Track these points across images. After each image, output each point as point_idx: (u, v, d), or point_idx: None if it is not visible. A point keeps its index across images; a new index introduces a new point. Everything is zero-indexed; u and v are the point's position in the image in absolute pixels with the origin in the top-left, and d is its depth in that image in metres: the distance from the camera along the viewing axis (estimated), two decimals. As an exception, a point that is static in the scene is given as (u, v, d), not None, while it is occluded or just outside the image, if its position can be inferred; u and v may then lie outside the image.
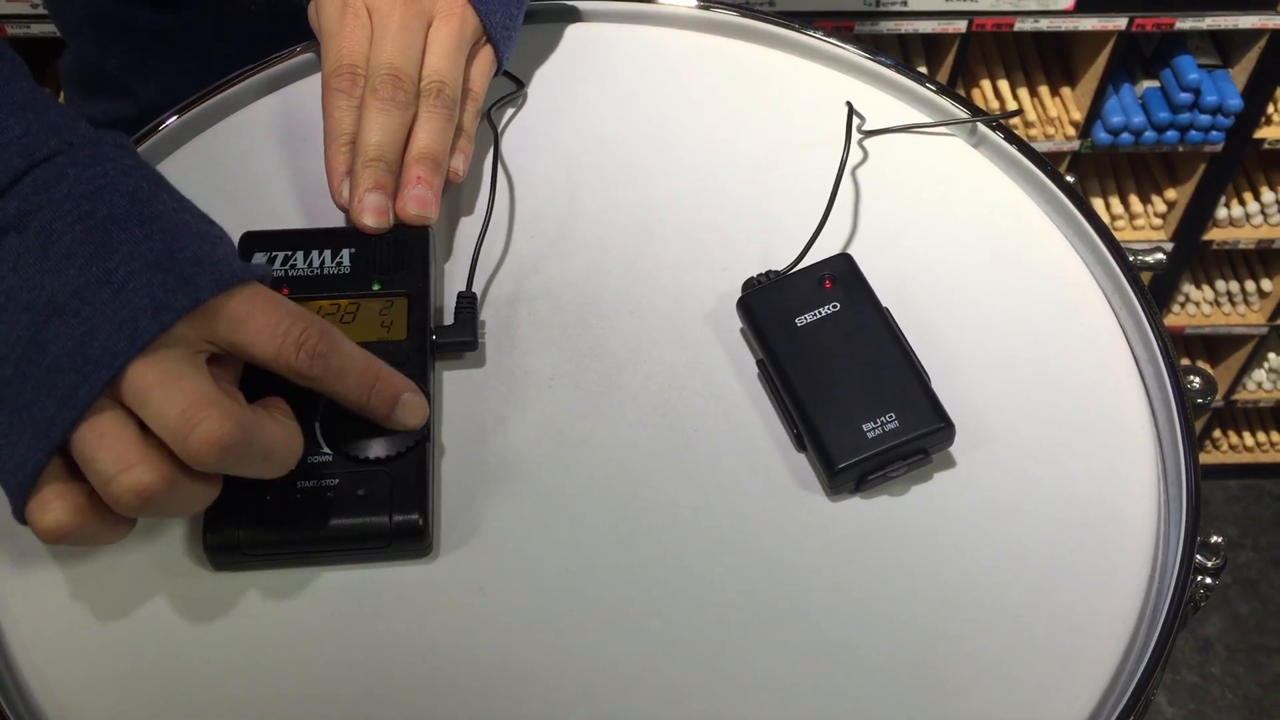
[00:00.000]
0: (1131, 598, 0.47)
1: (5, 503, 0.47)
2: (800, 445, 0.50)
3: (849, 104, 0.60)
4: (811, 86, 0.64)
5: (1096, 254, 0.57)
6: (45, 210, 0.42)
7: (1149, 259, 0.60)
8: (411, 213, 0.54)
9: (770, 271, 0.54)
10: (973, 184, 0.60)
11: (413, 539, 0.47)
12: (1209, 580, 0.49)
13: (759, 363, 0.52)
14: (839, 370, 0.50)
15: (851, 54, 0.64)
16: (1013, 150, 0.60)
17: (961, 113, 0.62)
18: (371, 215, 0.53)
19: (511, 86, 0.63)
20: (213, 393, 0.42)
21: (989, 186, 0.60)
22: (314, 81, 0.63)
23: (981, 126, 0.61)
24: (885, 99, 0.64)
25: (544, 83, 0.64)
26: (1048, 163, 0.60)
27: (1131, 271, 0.56)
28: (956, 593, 0.47)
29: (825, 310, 0.51)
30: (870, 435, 0.48)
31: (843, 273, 0.53)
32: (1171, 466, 0.50)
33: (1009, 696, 0.44)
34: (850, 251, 0.54)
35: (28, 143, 0.43)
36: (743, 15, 0.66)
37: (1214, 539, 0.49)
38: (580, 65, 0.65)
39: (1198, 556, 0.48)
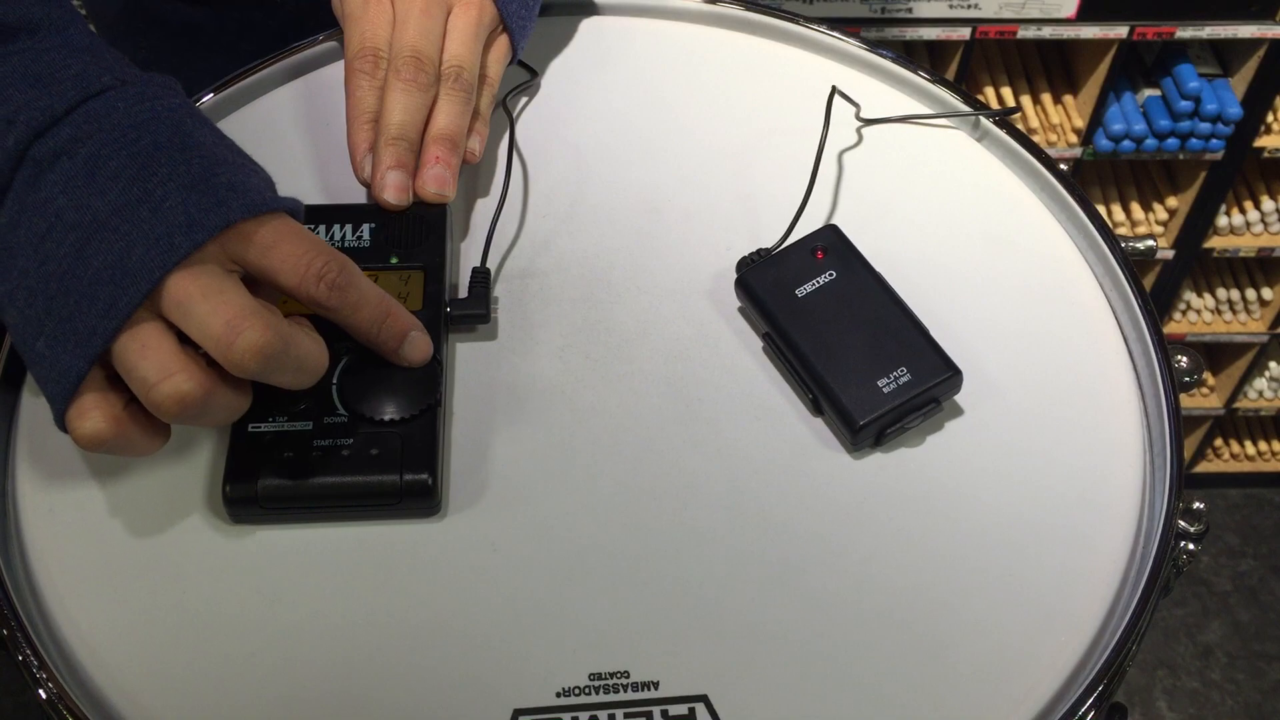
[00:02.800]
0: (1116, 560, 0.49)
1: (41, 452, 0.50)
2: (817, 409, 0.52)
3: (834, 87, 0.62)
4: (815, 78, 0.66)
5: (1088, 237, 0.59)
6: (95, 138, 0.45)
7: (1140, 245, 0.62)
8: (430, 191, 0.56)
9: (760, 250, 0.57)
10: (968, 171, 0.62)
11: (422, 497, 0.49)
12: (1191, 546, 0.51)
13: (764, 336, 0.54)
14: (845, 333, 0.52)
15: (854, 47, 0.66)
16: (1008, 139, 0.63)
17: (961, 106, 0.64)
18: (392, 192, 0.55)
19: (526, 76, 0.66)
20: (253, 304, 0.45)
21: (984, 173, 0.62)
22: (335, 69, 0.65)
23: (981, 120, 0.64)
24: (888, 91, 0.66)
25: (557, 72, 0.66)
26: (1042, 150, 0.62)
27: (1121, 253, 0.58)
28: (951, 552, 0.49)
29: (822, 279, 0.54)
30: (886, 390, 0.50)
31: (832, 243, 0.55)
32: (1157, 437, 0.52)
33: (997, 649, 0.46)
34: (848, 233, 0.56)
35: (83, 78, 0.46)
36: (748, 9, 0.68)
37: (1195, 505, 0.51)
38: (592, 56, 0.67)
39: (1180, 522, 0.50)
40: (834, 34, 0.67)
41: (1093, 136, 1.54)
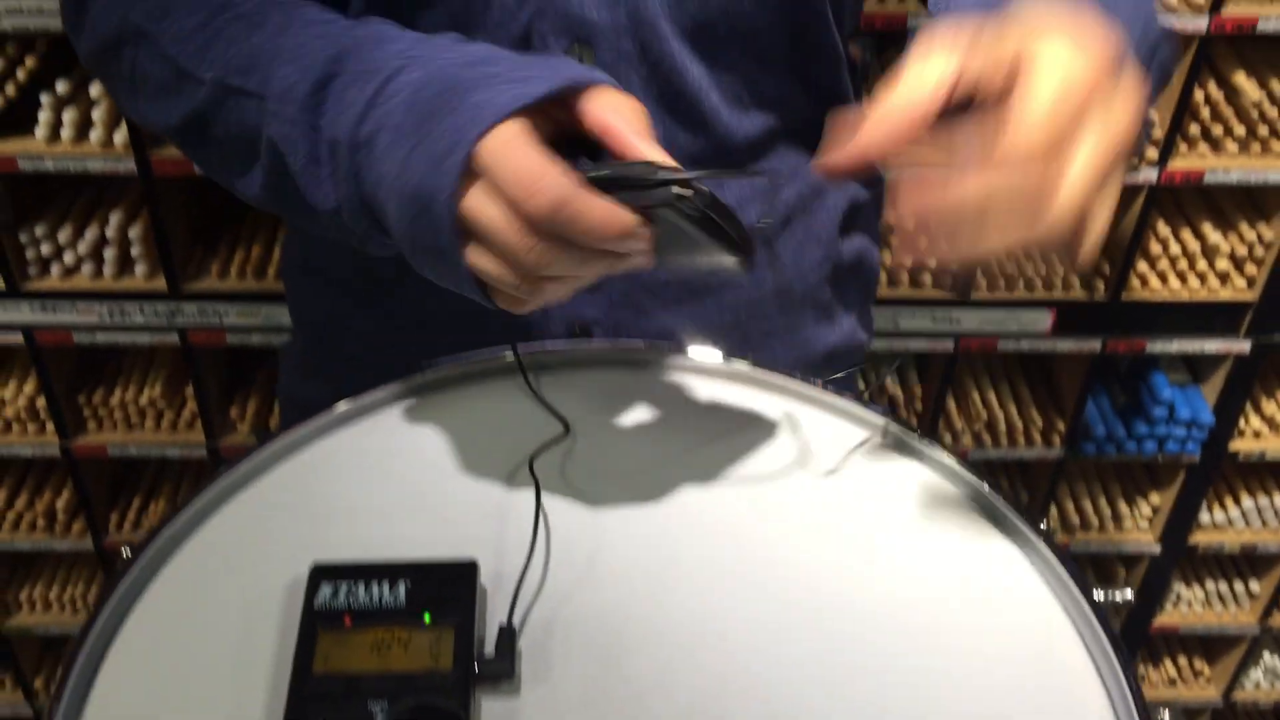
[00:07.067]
0: None
1: None
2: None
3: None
4: (835, 439, 0.72)
5: (1071, 597, 0.64)
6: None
7: (1118, 597, 0.67)
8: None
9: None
10: (951, 526, 0.67)
11: None
12: None
13: None
14: None
15: (852, 406, 0.73)
16: (994, 500, 0.68)
17: (968, 475, 0.70)
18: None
19: (559, 429, 0.72)
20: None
21: (965, 529, 0.67)
22: (393, 413, 0.71)
23: (969, 475, 0.69)
24: (909, 464, 0.72)
25: (586, 425, 0.72)
26: (1022, 507, 0.67)
27: (1101, 614, 0.62)
28: None
29: None
30: None
31: None
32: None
33: None
34: (820, 580, 0.60)
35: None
36: (755, 370, 0.75)
37: None
38: (620, 408, 0.73)
39: None
40: (836, 392, 0.73)
41: (1075, 439, 1.60)
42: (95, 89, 1.33)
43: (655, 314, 0.80)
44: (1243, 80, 1.38)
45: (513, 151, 0.52)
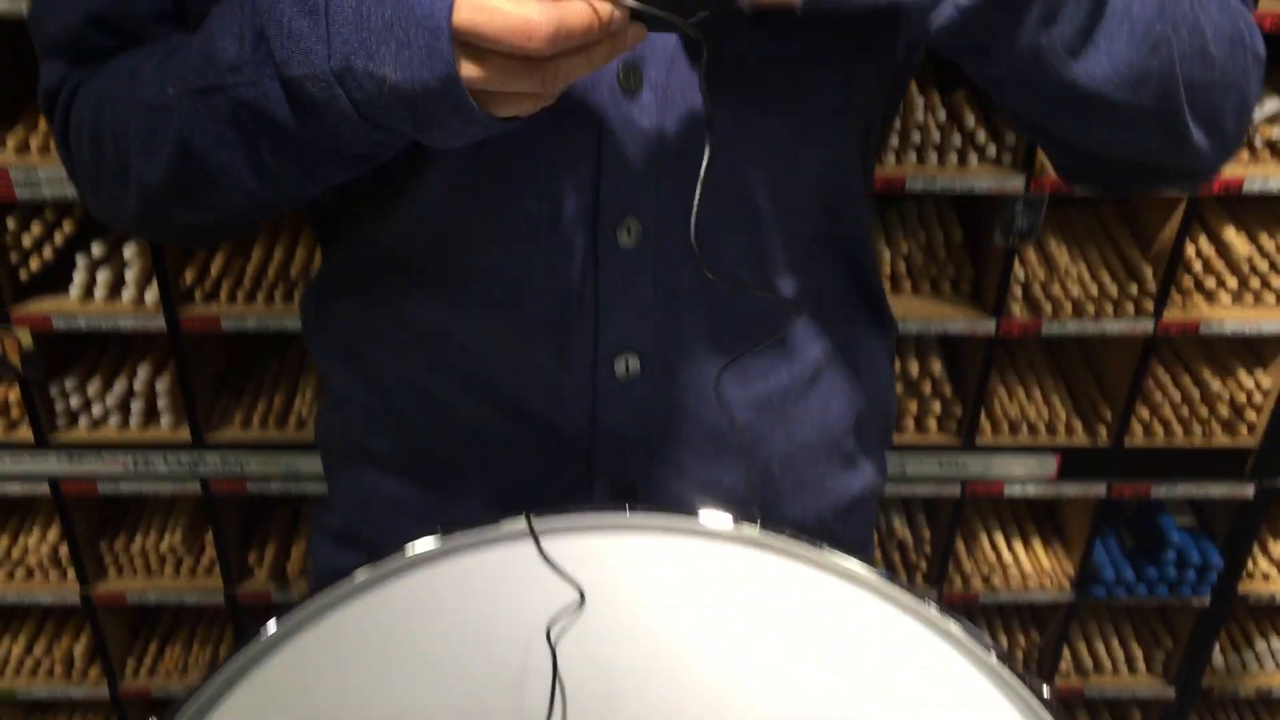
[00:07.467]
0: None
1: None
2: None
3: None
4: (843, 603, 0.74)
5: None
6: None
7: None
8: None
9: None
10: (955, 696, 0.69)
11: None
12: None
13: None
14: None
15: (871, 575, 0.75)
16: (999, 669, 0.70)
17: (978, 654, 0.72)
18: None
19: (575, 596, 0.74)
20: None
21: (970, 699, 0.69)
22: (411, 580, 0.73)
23: (961, 632, 0.71)
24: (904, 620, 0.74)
25: (605, 591, 0.74)
26: (1025, 677, 0.69)
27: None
28: None
29: None
30: None
31: None
32: None
33: None
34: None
35: None
36: (764, 534, 0.77)
37: None
38: (636, 572, 0.76)
39: None
40: (851, 560, 0.75)
41: (1085, 582, 1.61)
42: (129, 250, 1.39)
43: (694, 470, 0.83)
44: (1232, 236, 1.42)
45: (483, 8, 0.53)
